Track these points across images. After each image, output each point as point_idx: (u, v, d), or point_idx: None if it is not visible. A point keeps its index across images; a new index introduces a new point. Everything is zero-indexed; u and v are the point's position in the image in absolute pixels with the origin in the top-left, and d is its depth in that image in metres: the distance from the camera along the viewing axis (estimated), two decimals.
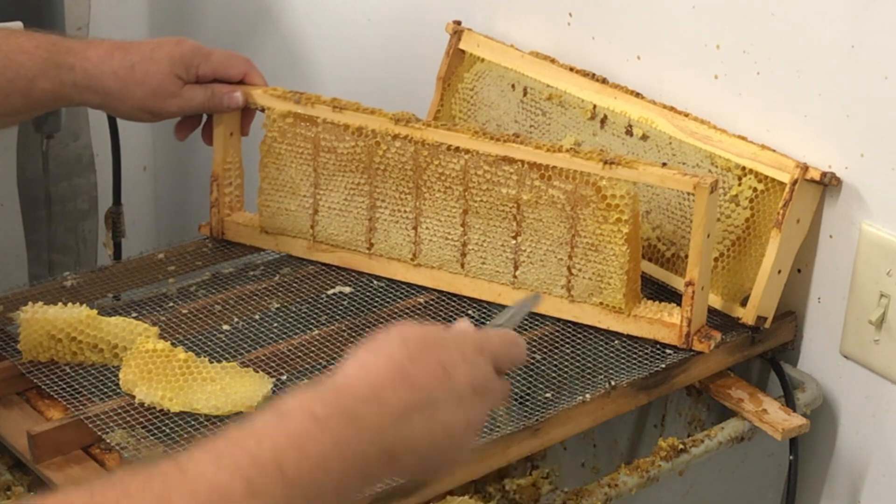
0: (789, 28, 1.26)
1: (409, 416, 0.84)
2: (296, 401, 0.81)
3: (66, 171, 1.99)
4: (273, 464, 0.76)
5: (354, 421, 0.81)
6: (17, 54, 1.32)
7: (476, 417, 0.90)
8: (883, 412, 1.28)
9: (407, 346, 0.87)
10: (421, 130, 1.31)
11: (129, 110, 1.38)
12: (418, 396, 0.85)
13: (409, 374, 0.85)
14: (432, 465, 0.88)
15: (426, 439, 0.86)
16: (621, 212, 1.22)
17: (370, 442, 0.82)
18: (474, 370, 0.90)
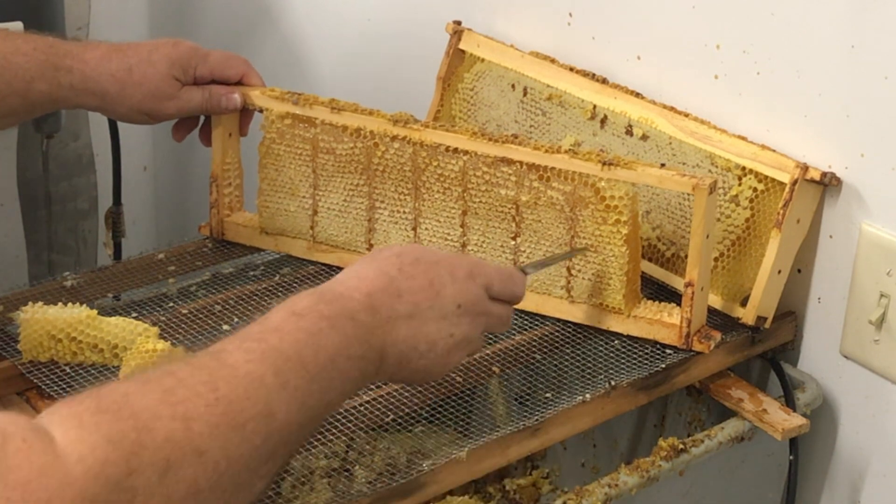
0: (789, 28, 1.26)
1: (395, 323, 0.96)
2: (305, 302, 0.92)
3: (66, 171, 1.99)
4: (297, 357, 0.87)
5: (354, 322, 0.93)
6: (14, 56, 1.32)
7: (462, 334, 1.01)
8: (883, 412, 1.28)
9: (400, 261, 1.00)
10: (419, 131, 1.31)
11: (126, 112, 1.38)
12: (405, 307, 0.97)
13: (398, 287, 0.97)
14: (415, 370, 0.99)
15: (408, 344, 0.97)
16: (620, 213, 1.22)
17: (366, 341, 0.93)
18: (462, 291, 1.01)
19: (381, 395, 1.16)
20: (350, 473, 1.13)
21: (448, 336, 1.00)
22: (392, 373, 0.98)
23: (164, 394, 0.80)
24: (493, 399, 1.28)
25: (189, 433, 0.79)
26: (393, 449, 1.14)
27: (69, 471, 0.73)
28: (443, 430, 1.16)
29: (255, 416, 0.82)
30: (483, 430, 1.13)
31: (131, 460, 0.75)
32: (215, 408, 0.81)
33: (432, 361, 1.00)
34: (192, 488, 0.78)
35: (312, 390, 0.87)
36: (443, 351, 1.00)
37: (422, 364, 0.99)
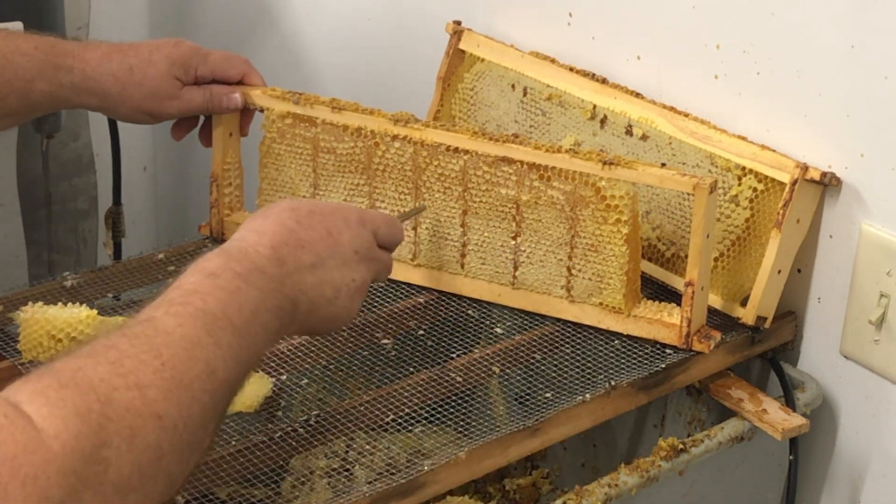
0: (789, 28, 1.26)
1: (302, 272, 1.00)
2: (215, 263, 0.94)
3: (66, 171, 1.99)
4: (223, 316, 0.90)
5: (265, 276, 0.96)
6: (14, 56, 1.32)
7: (361, 279, 1.06)
8: (883, 412, 1.28)
9: (296, 213, 1.03)
10: (420, 131, 1.31)
11: (127, 112, 1.39)
12: (309, 257, 1.01)
13: (299, 237, 1.01)
14: (324, 318, 1.03)
15: (317, 292, 1.01)
16: (621, 212, 1.22)
17: (279, 291, 0.97)
18: (357, 237, 1.06)
19: (381, 395, 1.16)
20: (350, 473, 1.13)
21: (350, 281, 1.04)
22: (303, 321, 1.01)
23: (112, 366, 0.82)
24: (493, 399, 1.28)
25: (146, 400, 0.81)
26: (393, 449, 1.14)
27: (50, 446, 0.75)
28: (443, 430, 1.16)
29: (199, 375, 0.86)
30: (483, 430, 1.13)
31: (100, 432, 0.78)
32: (163, 373, 0.83)
33: (339, 308, 1.03)
34: (157, 453, 0.81)
35: (242, 345, 0.90)
36: (346, 297, 1.04)
37: (331, 311, 1.03)
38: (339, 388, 1.21)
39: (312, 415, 1.13)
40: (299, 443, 1.10)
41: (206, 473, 1.05)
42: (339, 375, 1.23)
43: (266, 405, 1.16)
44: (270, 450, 1.09)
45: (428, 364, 1.23)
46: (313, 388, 1.20)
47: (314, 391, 1.19)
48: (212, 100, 1.39)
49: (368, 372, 1.23)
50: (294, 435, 1.11)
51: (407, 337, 1.28)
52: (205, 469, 1.06)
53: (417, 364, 1.23)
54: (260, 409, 1.15)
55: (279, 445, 1.10)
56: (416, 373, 1.21)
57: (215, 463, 1.07)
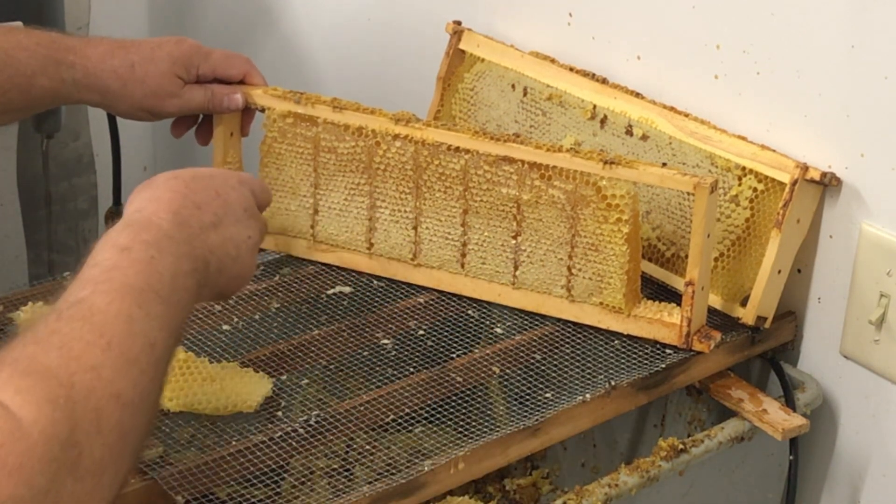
0: (789, 28, 1.26)
1: (206, 232, 1.01)
2: (124, 236, 0.94)
3: (66, 171, 1.99)
4: (147, 287, 0.90)
5: (174, 241, 0.96)
6: (16, 51, 1.32)
7: (255, 235, 1.07)
8: (883, 412, 1.28)
9: (181, 179, 1.03)
10: (421, 130, 1.31)
11: (128, 109, 1.39)
12: (208, 217, 1.02)
13: (194, 200, 1.01)
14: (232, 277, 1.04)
15: (222, 250, 1.02)
16: (621, 212, 1.22)
17: (190, 254, 0.97)
18: (242, 196, 1.07)
19: (381, 395, 1.16)
20: (350, 473, 1.13)
21: (247, 238, 1.06)
22: (215, 282, 1.02)
23: (62, 350, 0.82)
24: (493, 399, 1.28)
25: (103, 381, 0.82)
26: (393, 449, 1.14)
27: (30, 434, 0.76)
28: (443, 430, 1.16)
29: (143, 349, 0.86)
30: (483, 430, 1.13)
31: (71, 417, 0.78)
32: (111, 351, 0.84)
33: (242, 265, 1.05)
34: (121, 431, 0.82)
35: (171, 313, 0.91)
36: (246, 253, 1.05)
37: (236, 269, 1.04)
38: (339, 388, 1.21)
39: (312, 415, 1.13)
40: (299, 443, 1.10)
41: (206, 473, 1.05)
42: (339, 375, 1.23)
43: (266, 405, 1.16)
44: (270, 450, 1.09)
45: (428, 364, 1.23)
46: (313, 388, 1.20)
47: (314, 391, 1.19)
48: (213, 99, 1.40)
49: (368, 372, 1.23)
50: (294, 435, 1.11)
51: (407, 337, 1.28)
52: (205, 469, 1.06)
53: (417, 364, 1.23)
54: (260, 409, 1.15)
55: (279, 445, 1.10)
56: (416, 373, 1.21)
57: (215, 463, 1.07)
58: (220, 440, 1.10)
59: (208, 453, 1.08)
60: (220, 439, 1.10)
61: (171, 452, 1.09)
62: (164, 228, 0.96)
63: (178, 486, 1.04)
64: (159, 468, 1.06)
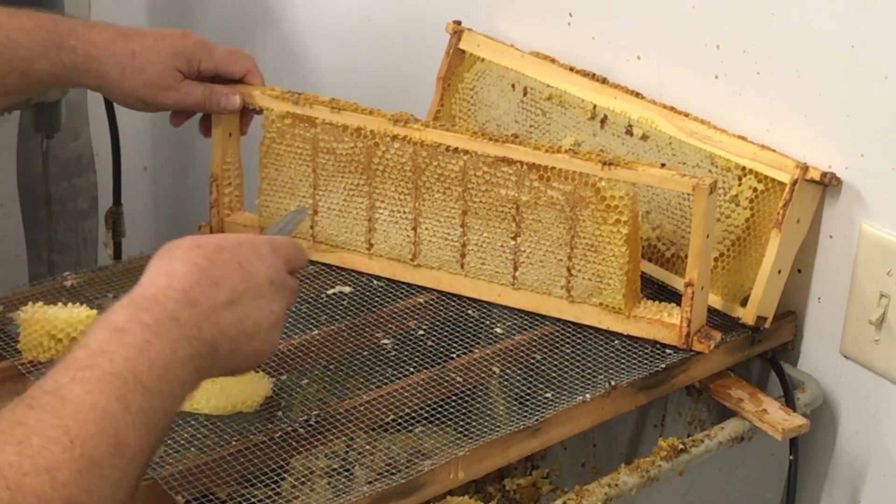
0: (789, 28, 1.26)
1: (219, 311, 0.94)
2: (122, 315, 0.89)
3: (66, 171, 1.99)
4: (133, 378, 0.85)
5: (177, 323, 0.90)
6: (18, 34, 1.31)
7: (280, 309, 1.00)
8: (883, 412, 1.28)
9: (204, 249, 0.97)
10: (420, 131, 1.31)
11: (123, 97, 1.38)
12: (225, 294, 0.95)
13: (212, 275, 0.95)
14: (248, 355, 0.97)
15: (237, 329, 0.95)
16: (620, 213, 1.22)
17: (194, 337, 0.91)
18: (270, 267, 1.00)
19: (381, 395, 1.16)
20: (350, 473, 1.13)
21: (269, 313, 0.99)
22: (225, 363, 0.96)
23: (19, 446, 0.79)
24: (493, 399, 1.28)
25: (55, 485, 0.78)
26: (393, 449, 1.14)
27: None
28: (443, 430, 1.16)
29: (109, 451, 0.82)
30: (483, 430, 1.13)
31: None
32: (72, 452, 0.80)
33: (261, 342, 0.98)
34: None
35: (155, 407, 0.86)
36: (267, 330, 0.99)
37: (253, 347, 0.98)
38: (339, 388, 1.21)
39: (312, 415, 1.13)
40: (299, 443, 1.10)
41: (206, 473, 1.05)
42: (339, 375, 1.23)
43: (266, 405, 1.16)
44: (270, 450, 1.09)
45: (428, 364, 1.23)
46: (313, 388, 1.20)
47: (314, 391, 1.19)
48: (211, 98, 1.39)
49: (368, 372, 1.23)
50: (294, 435, 1.11)
51: (407, 337, 1.28)
52: (205, 469, 1.06)
53: (417, 364, 1.23)
54: (260, 409, 1.15)
55: (279, 445, 1.10)
56: (416, 373, 1.21)
57: (215, 463, 1.07)
58: (220, 440, 1.10)
59: (208, 453, 1.08)
60: (220, 439, 1.10)
61: (171, 452, 1.09)
62: (170, 309, 0.91)
63: (178, 486, 1.04)
64: (159, 468, 1.06)
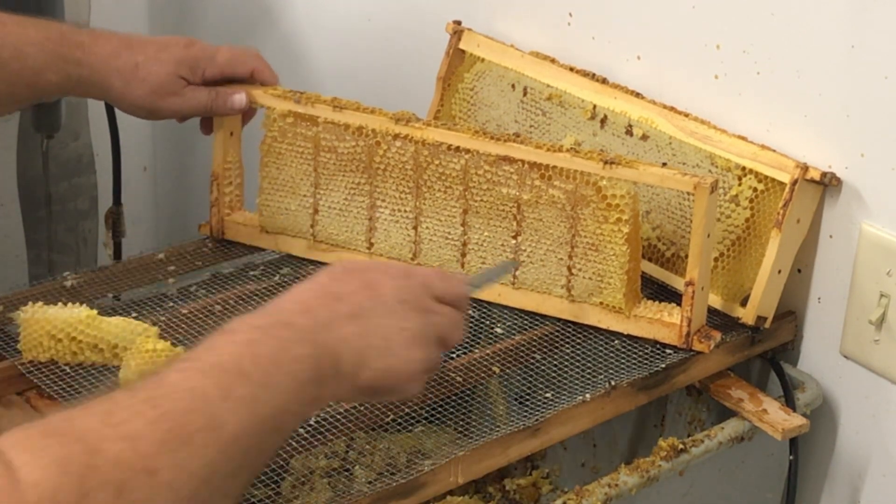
0: (789, 28, 1.26)
1: (340, 322, 0.92)
2: (237, 322, 0.90)
3: (66, 171, 1.99)
4: (235, 368, 0.84)
5: (290, 327, 0.90)
6: (25, 46, 1.32)
7: (415, 328, 0.96)
8: (883, 412, 1.28)
9: (332, 272, 0.98)
10: (421, 130, 1.31)
11: (128, 107, 1.39)
12: (347, 308, 0.94)
13: (333, 291, 0.95)
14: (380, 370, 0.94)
15: (361, 341, 0.93)
16: (621, 211, 1.22)
17: (309, 340, 0.90)
18: (401, 287, 0.98)
19: None
20: (350, 473, 1.13)
21: (400, 330, 0.95)
22: (354, 374, 0.93)
23: (104, 415, 0.78)
24: (493, 399, 1.28)
25: (137, 454, 0.77)
26: (393, 449, 1.14)
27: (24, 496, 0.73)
28: (443, 430, 1.16)
29: (201, 429, 0.80)
30: (483, 430, 1.13)
31: (83, 484, 0.74)
32: (158, 424, 0.79)
33: (396, 358, 0.95)
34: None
35: (259, 396, 0.85)
36: (400, 346, 0.95)
37: (386, 362, 0.94)
38: None
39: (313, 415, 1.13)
40: (299, 443, 1.10)
41: None
42: None
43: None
44: None
45: None
46: None
47: None
48: (216, 100, 1.39)
49: None
50: (294, 435, 1.11)
51: None
52: None
53: None
54: None
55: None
56: None
57: None
58: None
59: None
60: None
61: None
62: (283, 316, 0.92)
63: None
64: None
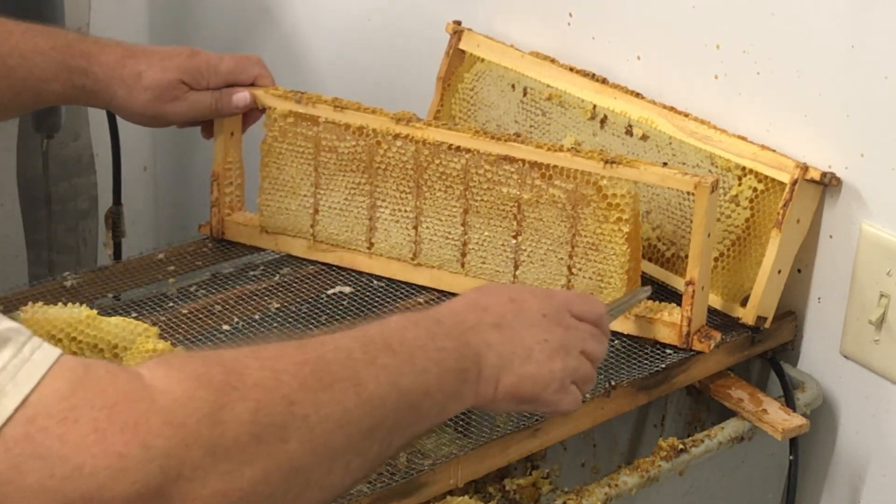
0: (789, 28, 1.26)
1: (485, 328, 0.97)
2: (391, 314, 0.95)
3: (66, 171, 1.99)
4: (383, 341, 0.89)
5: (439, 324, 0.95)
6: (32, 55, 1.34)
7: (557, 340, 1.00)
8: (883, 412, 1.28)
9: (481, 289, 1.03)
10: (422, 130, 1.31)
11: (132, 115, 1.40)
12: (492, 317, 0.98)
13: (481, 303, 0.99)
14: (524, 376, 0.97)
15: (505, 347, 0.96)
16: (622, 211, 1.22)
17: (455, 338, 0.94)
18: (544, 303, 1.02)
19: None
20: None
21: (543, 341, 0.99)
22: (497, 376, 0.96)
23: (251, 350, 0.82)
24: None
25: (278, 383, 0.79)
26: None
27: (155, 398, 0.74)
28: (443, 430, 1.15)
29: (343, 380, 0.83)
30: (483, 430, 1.13)
31: (220, 396, 0.76)
32: (303, 367, 0.82)
33: (539, 366, 0.98)
34: (281, 434, 0.78)
35: (404, 371, 0.88)
36: (543, 356, 0.98)
37: (527, 370, 0.97)
38: None
39: None
40: None
41: None
42: None
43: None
44: None
45: None
46: None
47: None
48: (220, 100, 1.40)
49: None
50: None
51: None
52: None
53: None
54: None
55: None
56: None
57: None
58: None
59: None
60: None
61: None
62: (434, 315, 0.96)
63: None
64: None
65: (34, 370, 0.73)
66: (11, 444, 0.71)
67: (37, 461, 0.71)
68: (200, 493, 0.74)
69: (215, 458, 0.75)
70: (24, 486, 0.71)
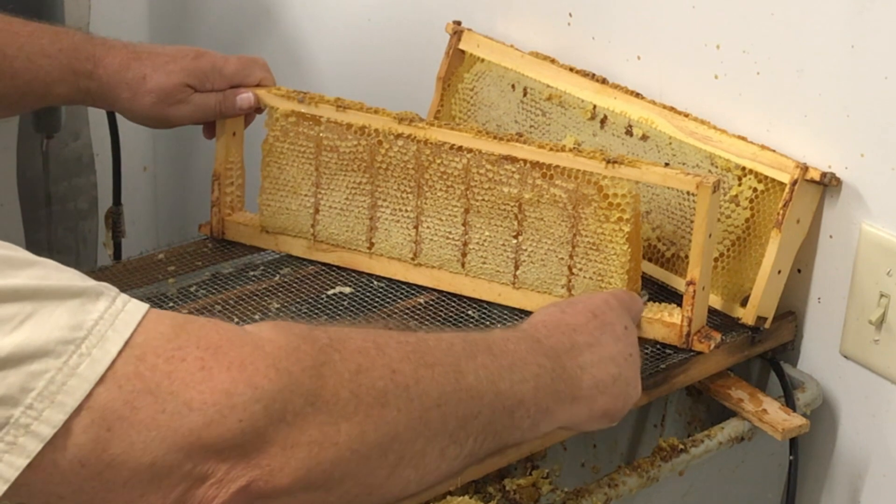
0: (789, 28, 1.27)
1: (580, 350, 1.00)
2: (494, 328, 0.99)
3: (66, 171, 1.99)
4: (485, 346, 0.91)
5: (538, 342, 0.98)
6: (38, 57, 1.34)
7: (636, 353, 1.06)
8: (883, 412, 1.28)
9: (558, 306, 1.06)
10: (424, 130, 1.31)
11: (136, 117, 1.41)
12: (583, 337, 1.01)
13: (569, 323, 1.02)
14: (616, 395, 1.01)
15: (600, 369, 1.00)
16: (623, 211, 1.22)
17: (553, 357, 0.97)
18: (621, 314, 1.07)
19: None
20: None
21: (628, 356, 1.04)
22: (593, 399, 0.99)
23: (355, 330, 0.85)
24: None
25: (381, 353, 0.82)
26: None
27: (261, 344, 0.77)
28: None
29: (443, 364, 0.85)
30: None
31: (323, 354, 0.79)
32: (405, 345, 0.84)
33: (625, 382, 1.02)
34: (380, 398, 0.80)
35: (502, 374, 0.90)
36: (629, 369, 1.03)
37: (619, 388, 1.02)
38: None
39: None
40: None
41: None
42: None
43: None
44: None
45: None
46: None
47: None
48: (224, 101, 1.40)
49: None
50: None
51: None
52: None
53: None
54: None
55: None
56: None
57: None
58: None
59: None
60: None
61: None
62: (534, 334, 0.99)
63: None
64: None
65: (129, 318, 0.76)
66: (123, 381, 0.74)
67: (147, 396, 0.74)
68: (299, 439, 0.76)
69: (315, 408, 0.77)
70: (136, 421, 0.73)
